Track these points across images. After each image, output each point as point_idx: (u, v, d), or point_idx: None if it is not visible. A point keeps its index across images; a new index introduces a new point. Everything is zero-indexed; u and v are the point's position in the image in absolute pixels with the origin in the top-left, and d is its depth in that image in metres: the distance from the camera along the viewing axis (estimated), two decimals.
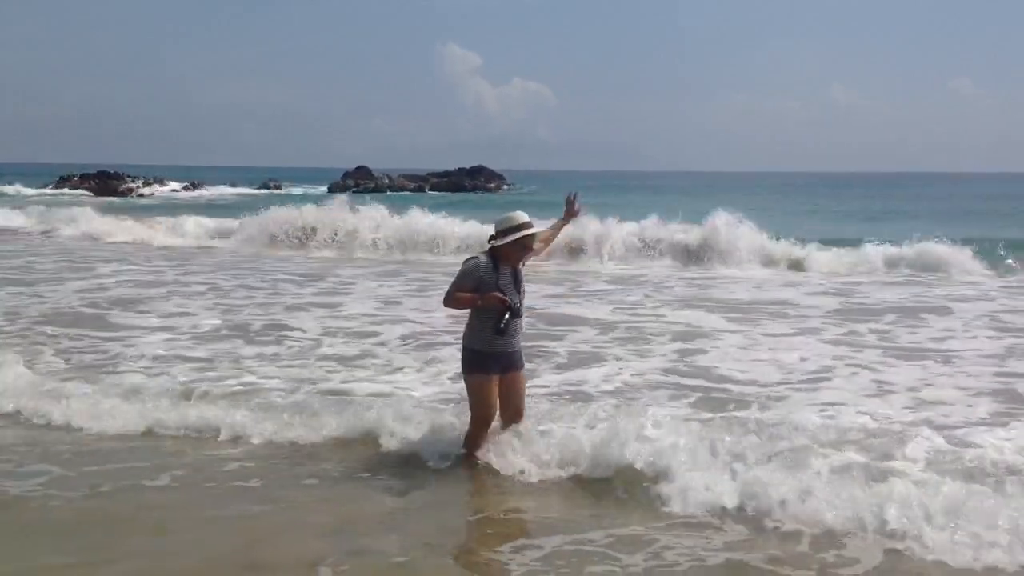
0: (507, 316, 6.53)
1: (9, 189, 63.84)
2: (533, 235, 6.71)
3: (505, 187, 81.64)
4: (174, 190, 69.25)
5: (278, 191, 68.80)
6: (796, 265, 20.08)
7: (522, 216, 6.70)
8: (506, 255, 6.66)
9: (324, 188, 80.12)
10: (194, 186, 71.66)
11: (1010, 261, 19.91)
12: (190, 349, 10.74)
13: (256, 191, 66.53)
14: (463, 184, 79.24)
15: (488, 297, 6.52)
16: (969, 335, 12.03)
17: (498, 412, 6.81)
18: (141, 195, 64.56)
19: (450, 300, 6.66)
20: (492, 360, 6.66)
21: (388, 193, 73.65)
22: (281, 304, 14.31)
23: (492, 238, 6.68)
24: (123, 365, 9.91)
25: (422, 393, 8.68)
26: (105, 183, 71.00)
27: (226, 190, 70.97)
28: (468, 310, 6.69)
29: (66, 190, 65.80)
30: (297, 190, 70.93)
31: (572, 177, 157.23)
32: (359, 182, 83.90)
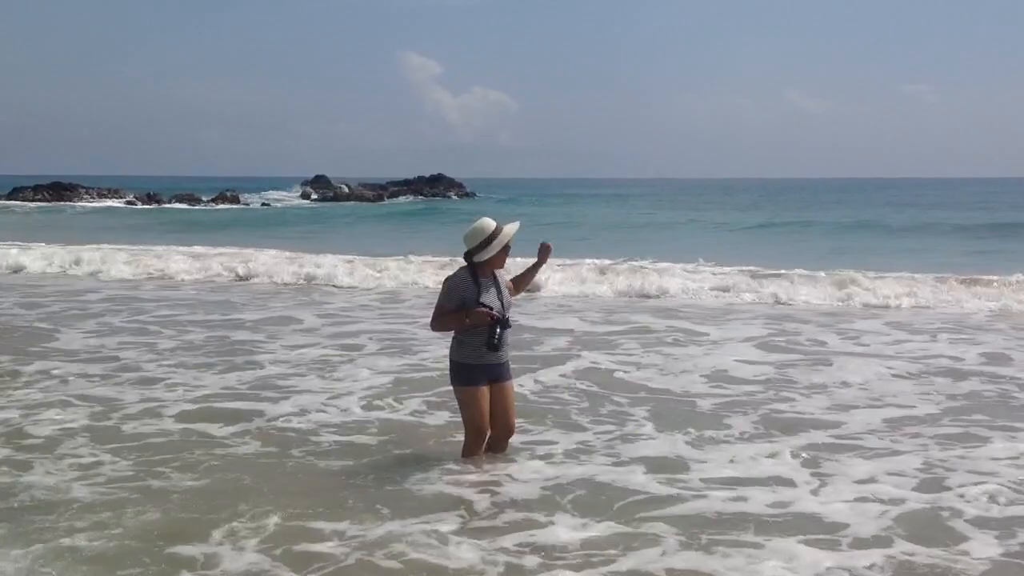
0: (498, 330, 6.47)
1: None
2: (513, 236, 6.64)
3: (464, 196, 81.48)
4: (130, 202, 68.43)
5: (235, 205, 67.96)
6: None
7: (491, 222, 6.61)
8: (489, 264, 6.60)
9: (292, 194, 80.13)
10: (150, 198, 70.74)
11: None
12: None
13: (217, 206, 65.46)
14: (423, 192, 79.21)
15: (476, 315, 6.43)
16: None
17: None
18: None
19: (437, 323, 6.59)
20: (482, 372, 6.61)
21: (347, 202, 73.62)
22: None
23: (469, 253, 6.57)
24: None
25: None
26: (59, 194, 70.17)
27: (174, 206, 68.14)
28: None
29: (17, 202, 64.93)
30: (255, 202, 70.36)
31: (535, 184, 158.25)
32: (318, 190, 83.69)
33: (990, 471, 6.78)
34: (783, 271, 19.04)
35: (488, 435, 6.83)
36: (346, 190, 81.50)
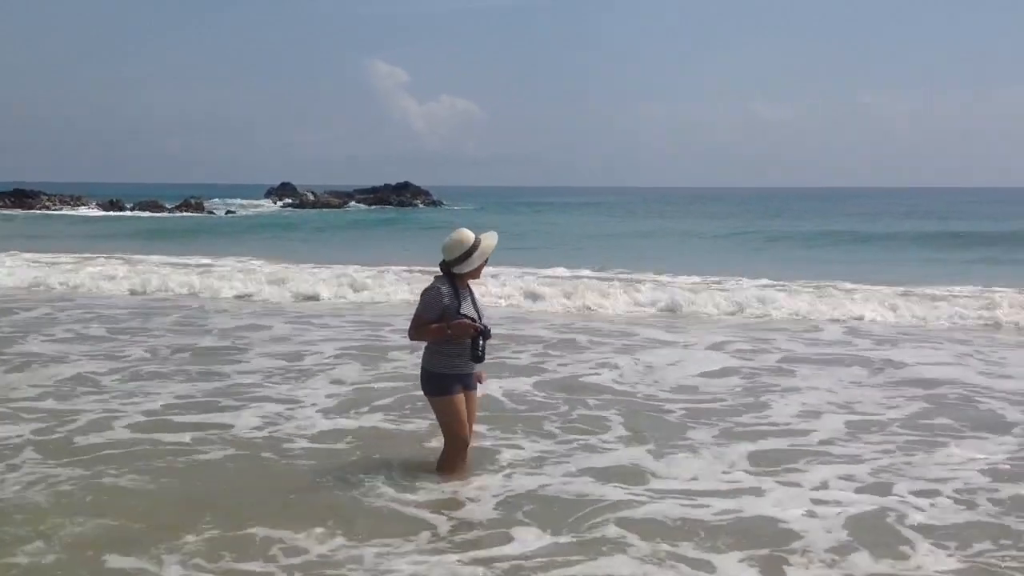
0: (481, 341, 6.42)
1: None
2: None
3: (428, 204, 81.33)
4: (97, 206, 67.71)
5: (199, 213, 67.38)
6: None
7: (471, 234, 6.53)
8: (467, 276, 6.54)
9: (257, 201, 79.78)
10: (113, 205, 70.08)
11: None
12: None
13: (182, 214, 64.77)
14: (389, 200, 79.05)
15: (458, 326, 6.37)
16: None
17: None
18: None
19: (417, 333, 6.48)
20: (456, 381, 6.55)
21: (313, 209, 73.26)
22: None
23: (448, 264, 6.50)
24: None
25: None
26: (22, 202, 69.36)
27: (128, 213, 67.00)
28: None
29: None
30: (220, 210, 69.77)
31: (502, 193, 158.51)
32: (284, 197, 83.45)
33: (942, 477, 6.81)
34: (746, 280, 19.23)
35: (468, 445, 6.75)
36: (311, 197, 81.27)
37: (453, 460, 6.72)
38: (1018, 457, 7.38)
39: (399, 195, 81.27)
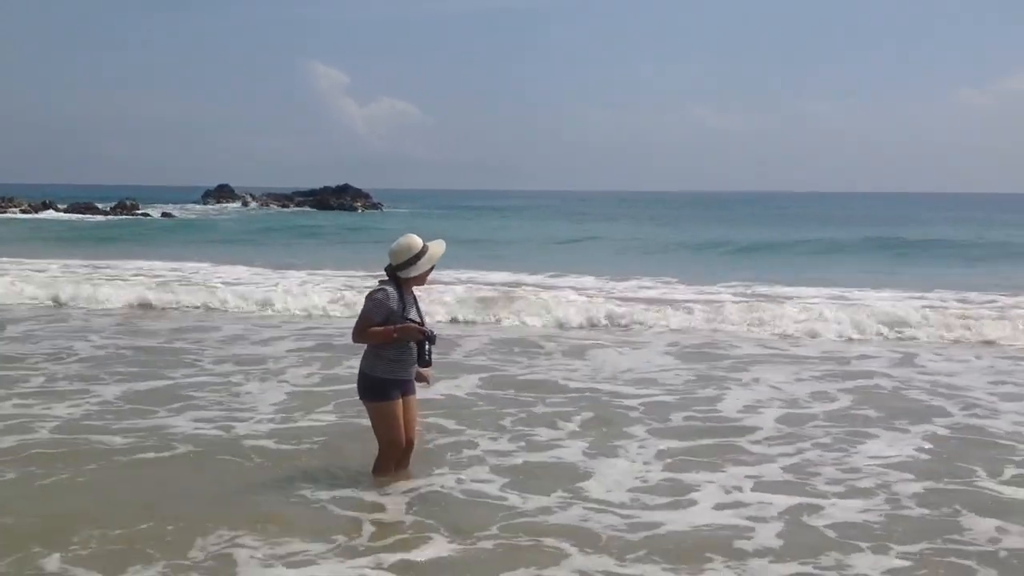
0: (428, 346, 6.44)
1: None
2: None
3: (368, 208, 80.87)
4: (24, 211, 66.13)
5: (136, 212, 66.31)
6: None
7: (419, 240, 6.53)
8: (413, 281, 6.55)
9: (191, 206, 78.31)
10: (45, 206, 68.58)
11: None
12: None
13: (116, 216, 63.45)
14: (329, 203, 78.42)
15: (405, 330, 6.37)
16: None
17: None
18: None
19: (361, 336, 6.45)
20: (396, 386, 6.53)
21: (252, 211, 72.49)
22: None
23: (394, 268, 6.49)
24: None
25: None
26: None
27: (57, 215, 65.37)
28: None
29: None
30: (156, 212, 68.60)
31: (446, 196, 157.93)
32: (221, 200, 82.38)
33: (871, 472, 6.99)
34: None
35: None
36: (250, 199, 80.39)
37: (387, 464, 6.73)
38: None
39: (339, 198, 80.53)
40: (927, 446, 7.89)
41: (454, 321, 15.09)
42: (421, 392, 6.90)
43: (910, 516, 6.19)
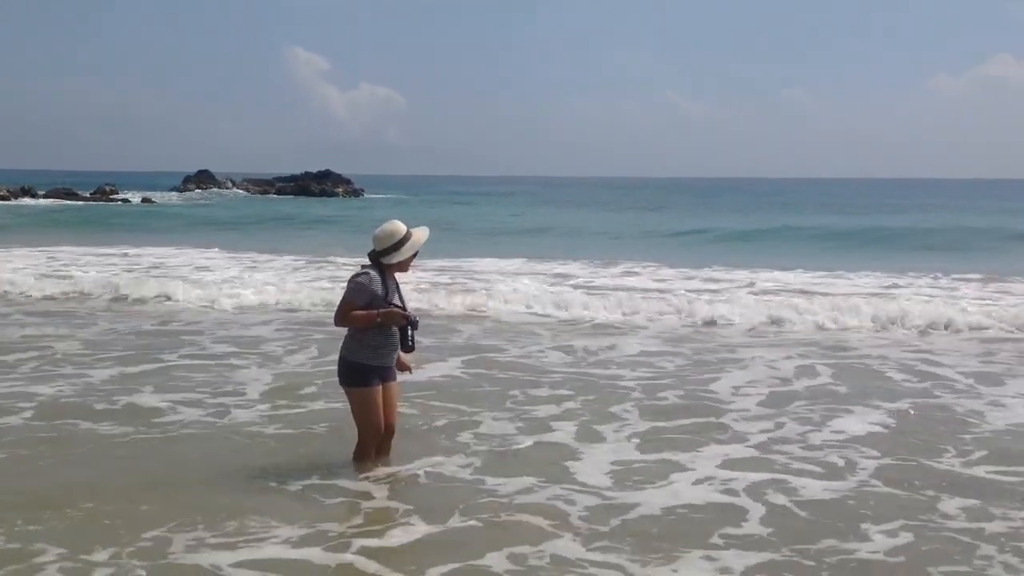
0: (411, 331, 6.42)
1: None
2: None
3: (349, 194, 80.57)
4: (3, 196, 65.47)
5: (114, 197, 65.78)
6: None
7: (402, 226, 6.51)
8: (396, 267, 6.53)
9: (169, 193, 77.62)
10: (24, 192, 67.91)
11: None
12: None
13: (91, 202, 62.87)
14: (310, 189, 78.11)
15: (389, 314, 6.35)
16: None
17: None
18: None
19: (343, 319, 6.40)
20: (375, 372, 6.51)
21: (232, 196, 72.12)
22: None
23: (377, 254, 6.47)
24: None
25: None
26: None
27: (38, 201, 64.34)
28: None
29: None
30: (136, 197, 68.08)
31: (425, 182, 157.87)
32: (201, 186, 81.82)
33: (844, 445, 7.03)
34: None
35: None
36: (230, 185, 79.99)
37: (367, 450, 6.72)
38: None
39: (320, 184, 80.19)
40: (892, 422, 7.99)
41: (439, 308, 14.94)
42: (402, 376, 6.89)
43: (894, 494, 6.24)
